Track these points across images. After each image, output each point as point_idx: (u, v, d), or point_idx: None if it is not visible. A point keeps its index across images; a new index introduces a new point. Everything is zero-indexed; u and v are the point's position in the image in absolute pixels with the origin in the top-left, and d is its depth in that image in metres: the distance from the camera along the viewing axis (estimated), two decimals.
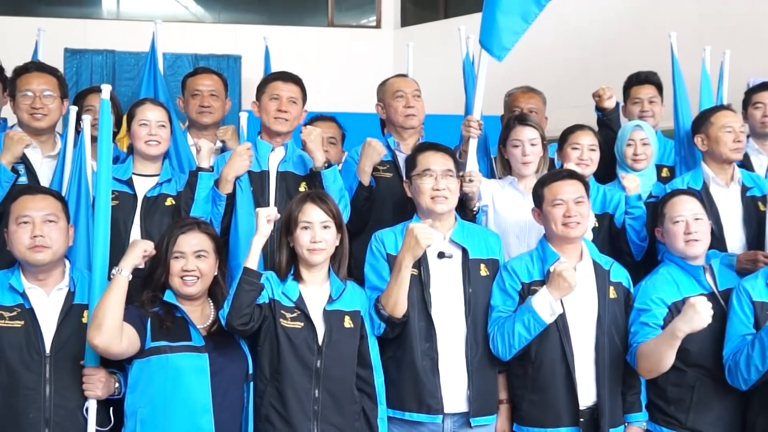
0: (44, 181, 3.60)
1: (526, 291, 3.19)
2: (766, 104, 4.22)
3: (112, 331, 2.75)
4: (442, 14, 9.54)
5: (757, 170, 4.10)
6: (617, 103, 4.39)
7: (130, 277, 2.84)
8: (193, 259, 2.99)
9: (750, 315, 3.17)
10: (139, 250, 2.89)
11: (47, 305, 2.97)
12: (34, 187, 3.29)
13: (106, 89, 3.23)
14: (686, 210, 3.30)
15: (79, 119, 3.60)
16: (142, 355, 2.89)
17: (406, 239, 3.03)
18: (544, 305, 3.05)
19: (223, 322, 2.91)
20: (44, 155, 3.70)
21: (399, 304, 3.07)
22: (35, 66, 3.82)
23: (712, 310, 2.88)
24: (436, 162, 3.29)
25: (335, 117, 4.49)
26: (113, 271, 2.83)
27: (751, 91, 4.36)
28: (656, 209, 3.61)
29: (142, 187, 3.61)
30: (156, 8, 9.59)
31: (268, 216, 2.99)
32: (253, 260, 2.94)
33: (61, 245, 3.00)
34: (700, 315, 2.87)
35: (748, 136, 4.34)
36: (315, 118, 4.36)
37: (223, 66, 7.98)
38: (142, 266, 2.98)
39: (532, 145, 3.69)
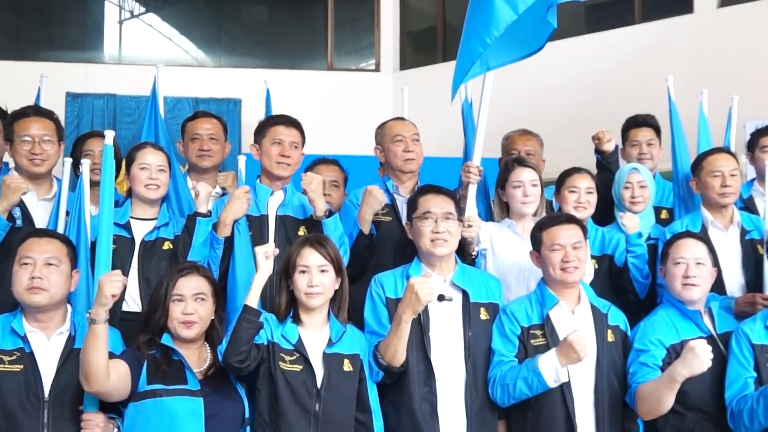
0: (40, 224, 3.59)
1: (526, 335, 3.18)
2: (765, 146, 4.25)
3: (100, 381, 2.73)
4: (441, 58, 9.63)
5: (760, 212, 4.10)
6: (616, 146, 4.41)
7: (107, 316, 2.76)
8: (192, 302, 2.98)
9: (750, 358, 3.16)
10: (105, 295, 2.74)
11: (48, 349, 2.96)
12: (42, 230, 3.29)
13: (110, 135, 3.25)
14: (689, 253, 3.31)
15: (76, 166, 3.61)
16: (138, 397, 2.87)
17: (406, 294, 3.00)
18: (550, 370, 3.02)
19: (220, 358, 2.91)
20: (40, 198, 3.70)
21: (398, 354, 3.06)
22: (33, 111, 3.81)
23: (712, 354, 2.87)
24: (437, 205, 3.29)
25: (337, 160, 4.49)
26: (87, 318, 2.78)
27: (759, 134, 4.37)
28: (655, 251, 3.61)
29: (140, 231, 3.60)
30: (157, 53, 9.70)
31: (265, 253, 2.99)
32: (253, 298, 2.94)
33: (59, 289, 2.99)
34: (699, 359, 2.86)
35: (753, 179, 4.35)
36: (318, 161, 4.37)
37: (223, 109, 8.04)
38: (138, 310, 2.96)
39: (533, 185, 3.71)
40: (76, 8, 9.88)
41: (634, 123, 4.52)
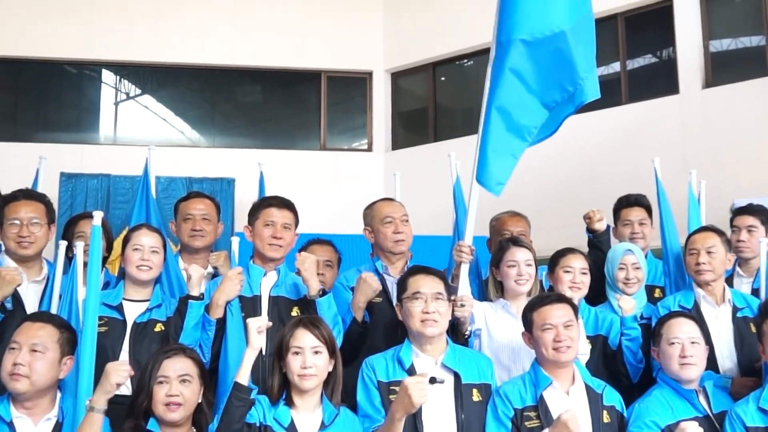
0: (30, 305, 3.58)
1: (519, 418, 3.14)
2: (741, 228, 4.30)
3: None
4: (432, 138, 9.77)
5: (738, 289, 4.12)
6: (608, 226, 4.44)
7: (105, 407, 2.78)
8: (177, 383, 2.94)
9: None
10: (111, 383, 2.83)
11: None
12: (38, 314, 3.25)
13: (98, 216, 3.26)
14: (683, 333, 3.32)
15: (68, 249, 3.61)
16: None
17: (400, 395, 2.90)
18: None
19: None
20: (30, 281, 3.69)
21: None
22: (23, 194, 3.84)
23: None
24: (426, 285, 3.29)
25: (331, 240, 4.50)
26: (86, 404, 2.77)
27: (733, 215, 4.44)
28: (649, 330, 3.61)
29: (132, 312, 3.58)
30: (152, 133, 9.83)
31: (258, 327, 2.98)
32: (243, 375, 2.92)
33: (41, 376, 2.95)
34: None
35: (737, 260, 4.37)
36: (312, 242, 4.38)
37: (216, 189, 8.10)
38: (128, 393, 2.93)
39: (528, 265, 3.73)
40: (72, 90, 10.05)
41: (626, 203, 4.57)
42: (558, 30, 3.68)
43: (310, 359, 2.99)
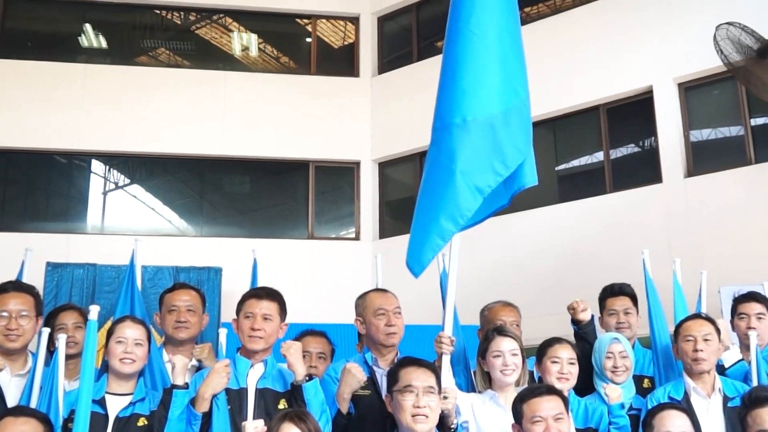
0: (11, 400, 3.52)
1: None
2: (750, 315, 4.28)
3: None
4: None
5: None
6: (592, 316, 4.43)
7: None
8: None
9: None
10: None
11: None
12: (20, 409, 3.21)
13: (94, 310, 3.25)
14: (674, 426, 3.31)
15: (51, 339, 3.58)
16: None
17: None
18: None
19: None
20: (13, 374, 3.64)
21: None
22: (13, 286, 3.82)
23: None
24: (418, 378, 3.25)
25: (325, 332, 4.46)
26: None
27: (737, 301, 4.42)
28: (638, 422, 3.57)
29: (115, 407, 3.51)
30: (140, 223, 9.84)
31: (255, 428, 2.94)
32: None
33: None
34: None
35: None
36: (305, 333, 4.35)
37: (203, 278, 8.07)
38: None
39: (513, 355, 3.70)
40: (61, 180, 10.11)
41: (611, 292, 4.56)
42: (488, 113, 3.72)
43: None
